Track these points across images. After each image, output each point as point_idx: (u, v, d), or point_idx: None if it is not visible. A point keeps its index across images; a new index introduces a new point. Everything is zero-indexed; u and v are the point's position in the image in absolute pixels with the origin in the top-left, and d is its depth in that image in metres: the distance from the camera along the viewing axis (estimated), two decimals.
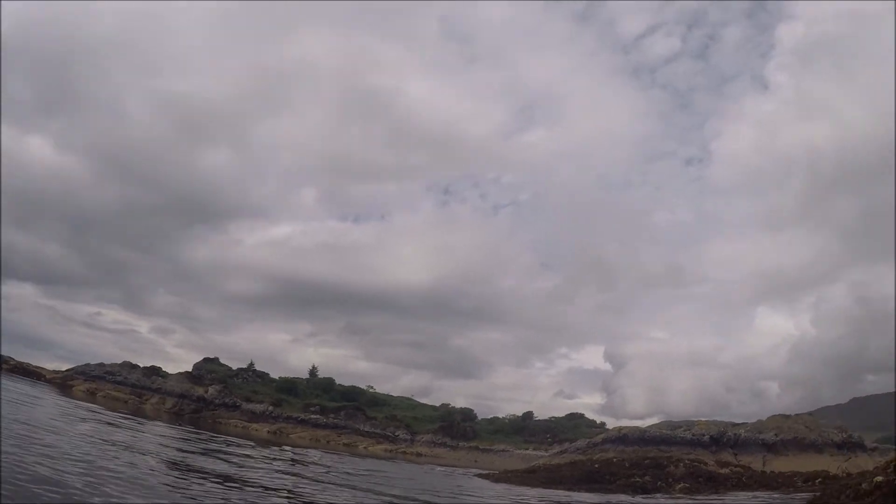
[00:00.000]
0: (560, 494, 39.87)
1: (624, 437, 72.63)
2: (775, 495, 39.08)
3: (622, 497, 39.77)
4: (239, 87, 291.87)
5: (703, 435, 69.23)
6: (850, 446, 64.70)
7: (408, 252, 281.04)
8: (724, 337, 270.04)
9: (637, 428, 77.95)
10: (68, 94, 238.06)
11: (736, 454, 64.24)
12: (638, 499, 38.94)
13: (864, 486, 22.84)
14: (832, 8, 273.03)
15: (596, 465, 54.84)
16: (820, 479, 43.95)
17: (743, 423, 75.46)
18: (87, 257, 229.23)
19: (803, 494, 35.47)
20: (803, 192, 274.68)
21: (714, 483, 46.61)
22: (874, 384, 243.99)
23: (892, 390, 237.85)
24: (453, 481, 48.34)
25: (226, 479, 24.69)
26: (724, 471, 51.90)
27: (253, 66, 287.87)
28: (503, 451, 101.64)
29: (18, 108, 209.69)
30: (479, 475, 58.16)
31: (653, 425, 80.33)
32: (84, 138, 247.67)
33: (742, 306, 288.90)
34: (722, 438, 68.11)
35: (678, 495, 41.62)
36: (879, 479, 22.58)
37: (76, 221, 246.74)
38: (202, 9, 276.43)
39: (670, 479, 47.01)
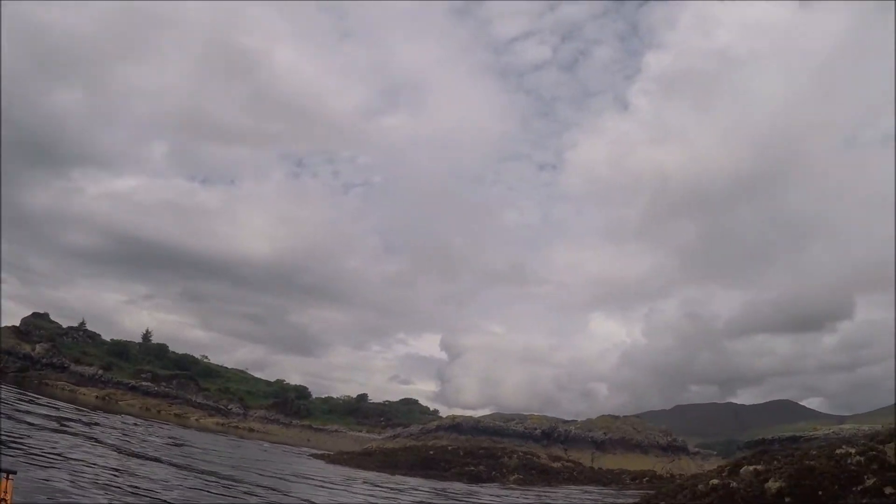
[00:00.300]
0: (397, 480, 38.51)
1: (458, 426, 73.21)
2: (606, 490, 40.22)
3: (457, 485, 39.20)
4: (103, 25, 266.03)
5: (536, 429, 71.30)
6: (674, 449, 69.58)
7: (253, 221, 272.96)
8: (559, 337, 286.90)
9: (471, 417, 79.14)
10: None
11: (566, 449, 66.67)
12: (473, 487, 38.47)
13: (700, 487, 23.17)
14: (702, 45, 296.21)
15: (431, 452, 54.31)
16: (647, 478, 46.22)
17: (573, 421, 78.87)
18: None
19: (632, 491, 36.54)
20: (648, 210, 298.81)
21: (547, 476, 47.53)
22: (698, 394, 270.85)
23: (714, 400, 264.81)
24: (286, 461, 45.46)
25: (47, 450, 22.31)
26: (556, 465, 53.28)
27: (121, 3, 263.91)
28: (336, 431, 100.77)
29: None
30: (314, 455, 55.69)
31: (485, 416, 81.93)
32: None
33: (579, 310, 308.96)
34: (553, 433, 70.52)
35: (512, 486, 41.77)
36: (715, 481, 22.99)
37: None
38: None
39: (504, 470, 47.36)
